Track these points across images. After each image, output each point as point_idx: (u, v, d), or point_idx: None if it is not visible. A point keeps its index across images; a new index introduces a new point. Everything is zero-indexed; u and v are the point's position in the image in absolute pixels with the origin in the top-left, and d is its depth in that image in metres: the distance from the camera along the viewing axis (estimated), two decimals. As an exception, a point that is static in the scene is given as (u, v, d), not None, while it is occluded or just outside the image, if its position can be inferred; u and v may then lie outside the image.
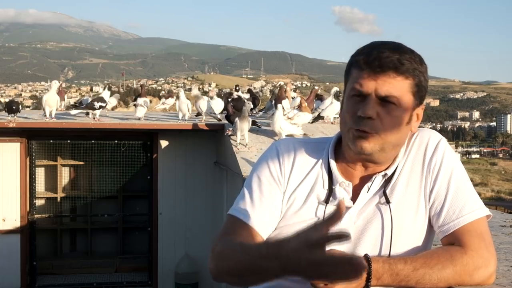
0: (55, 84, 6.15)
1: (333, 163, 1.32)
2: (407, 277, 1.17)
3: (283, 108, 5.14)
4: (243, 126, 4.75)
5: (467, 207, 1.25)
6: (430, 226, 1.30)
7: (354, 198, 1.29)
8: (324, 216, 1.26)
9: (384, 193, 1.27)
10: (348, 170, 1.33)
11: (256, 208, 1.30)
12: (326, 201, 1.28)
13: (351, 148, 1.26)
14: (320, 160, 1.34)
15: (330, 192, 1.29)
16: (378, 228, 1.25)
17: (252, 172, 1.38)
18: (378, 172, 1.29)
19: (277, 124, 4.87)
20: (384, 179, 1.29)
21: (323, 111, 5.91)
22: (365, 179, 1.30)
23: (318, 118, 5.86)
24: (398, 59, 1.21)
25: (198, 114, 6.33)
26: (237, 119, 4.81)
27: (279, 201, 1.31)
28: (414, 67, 1.23)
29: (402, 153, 1.32)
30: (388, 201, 1.26)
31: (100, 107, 6.04)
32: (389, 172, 1.29)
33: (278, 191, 1.32)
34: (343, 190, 1.29)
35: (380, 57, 1.20)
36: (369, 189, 1.28)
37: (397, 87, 1.21)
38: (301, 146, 1.38)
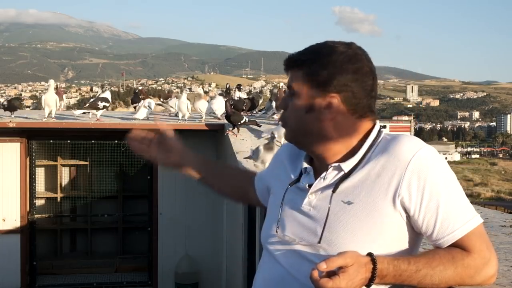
0: (52, 83, 6.14)
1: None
2: (409, 277, 1.17)
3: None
4: (266, 157, 3.90)
5: (459, 220, 1.22)
6: (413, 235, 1.27)
7: None
8: (283, 199, 1.37)
9: (337, 186, 1.28)
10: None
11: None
12: (292, 184, 1.39)
13: None
14: None
15: (300, 177, 1.39)
16: (322, 217, 1.27)
17: None
18: (332, 163, 1.31)
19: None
20: (339, 173, 1.29)
21: None
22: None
23: None
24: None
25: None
26: (261, 147, 4.00)
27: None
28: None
29: (362, 152, 1.29)
30: (334, 192, 1.27)
31: (104, 107, 6.03)
32: (344, 167, 1.28)
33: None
34: (307, 175, 1.37)
35: None
36: (323, 178, 1.32)
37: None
38: None
